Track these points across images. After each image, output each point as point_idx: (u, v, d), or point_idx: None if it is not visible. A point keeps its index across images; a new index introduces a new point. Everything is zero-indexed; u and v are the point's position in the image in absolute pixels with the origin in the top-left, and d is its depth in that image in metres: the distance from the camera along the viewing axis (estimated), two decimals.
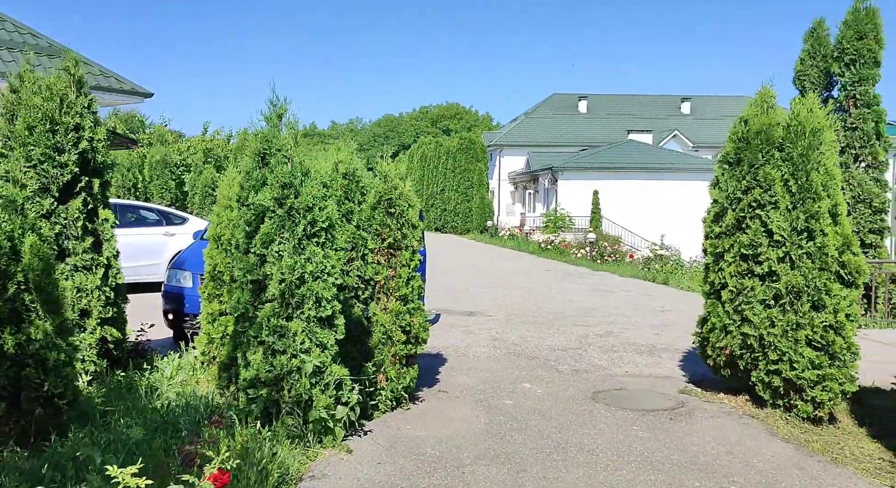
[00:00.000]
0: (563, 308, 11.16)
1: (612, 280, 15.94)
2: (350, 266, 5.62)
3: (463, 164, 37.35)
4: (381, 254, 5.63)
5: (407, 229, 5.70)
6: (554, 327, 9.38)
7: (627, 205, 32.97)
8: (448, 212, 38.57)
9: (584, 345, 8.20)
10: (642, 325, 9.68)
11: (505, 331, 8.95)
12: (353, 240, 5.62)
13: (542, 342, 8.34)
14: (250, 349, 4.28)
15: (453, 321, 9.63)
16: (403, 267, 5.67)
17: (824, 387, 5.39)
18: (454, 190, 37.70)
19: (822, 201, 5.46)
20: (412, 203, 5.77)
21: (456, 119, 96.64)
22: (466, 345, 8.05)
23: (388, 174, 5.70)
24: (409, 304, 5.69)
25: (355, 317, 5.58)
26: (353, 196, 5.71)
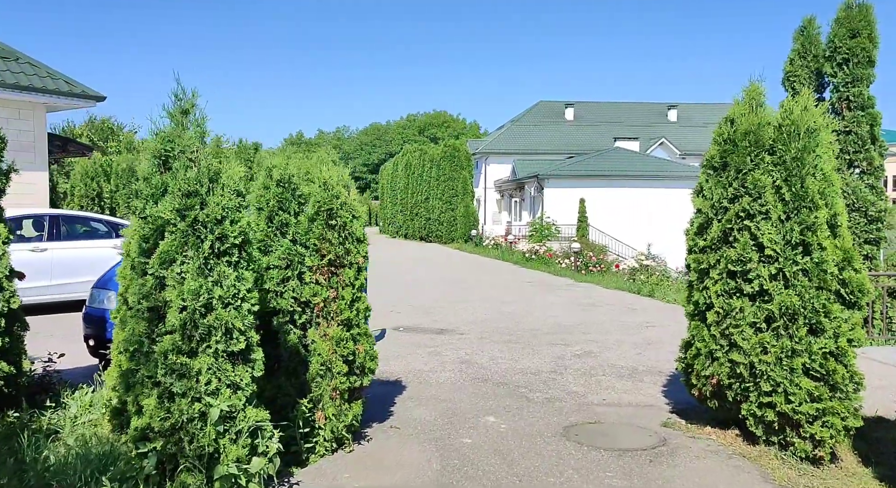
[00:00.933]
0: (541, 324, 10.47)
1: (595, 292, 15.28)
2: (285, 286, 4.91)
3: (447, 172, 36.70)
4: (320, 272, 4.93)
5: (350, 244, 5.00)
6: (530, 347, 8.69)
7: (615, 214, 32.45)
8: (432, 221, 37.88)
9: (559, 368, 7.51)
10: (625, 344, 9.01)
11: (475, 353, 8.25)
12: (288, 257, 4.91)
13: (514, 365, 7.64)
14: (143, 392, 3.55)
15: (420, 340, 8.92)
16: (347, 287, 4.97)
17: (825, 423, 4.72)
18: (438, 198, 37.02)
19: (820, 211, 4.82)
20: (356, 214, 5.07)
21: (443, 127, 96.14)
22: (431, 368, 7.33)
23: (329, 181, 5.01)
24: (354, 330, 4.98)
25: (290, 346, 4.87)
26: (289, 206, 5.01)
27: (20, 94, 10.99)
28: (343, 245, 4.97)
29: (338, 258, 4.95)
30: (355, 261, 5.02)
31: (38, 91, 11.10)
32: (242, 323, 3.75)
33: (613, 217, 32.30)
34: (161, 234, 3.70)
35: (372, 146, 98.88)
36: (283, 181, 5.00)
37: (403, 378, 6.90)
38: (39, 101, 11.44)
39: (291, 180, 5.02)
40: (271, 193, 4.95)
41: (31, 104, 11.41)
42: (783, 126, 5.01)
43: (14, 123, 11.28)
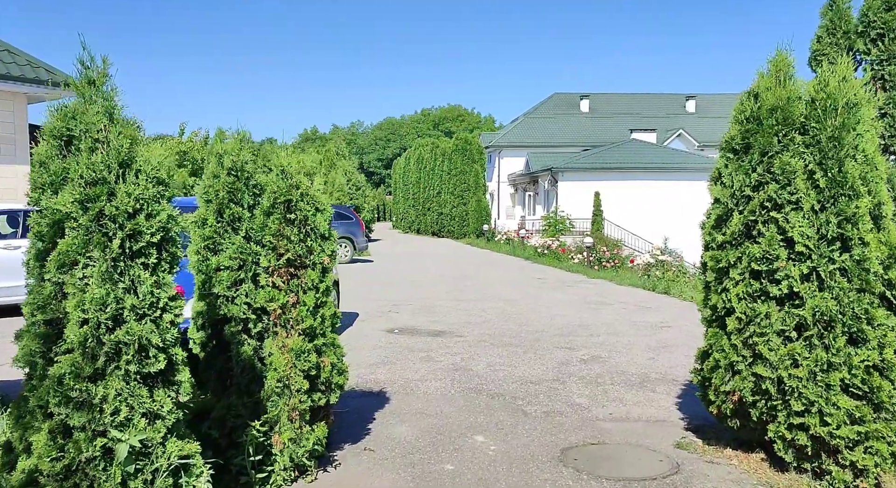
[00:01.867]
0: (547, 325, 9.77)
1: (608, 289, 14.52)
2: (237, 290, 4.28)
3: (459, 166, 35.99)
4: (277, 274, 4.28)
5: (313, 241, 4.35)
6: (532, 351, 7.99)
7: (631, 207, 31.55)
8: (444, 216, 37.21)
9: (563, 376, 6.82)
10: (637, 347, 8.28)
11: (472, 358, 7.57)
12: (240, 257, 4.28)
13: (513, 372, 6.96)
14: (33, 425, 2.93)
15: (414, 344, 8.26)
16: (309, 290, 4.32)
17: (868, 449, 4.01)
18: (450, 193, 36.34)
19: (861, 199, 4.07)
20: (321, 206, 4.42)
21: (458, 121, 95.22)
22: (420, 377, 6.67)
23: (288, 169, 4.35)
24: (318, 340, 4.34)
25: (243, 359, 4.24)
26: (242, 197, 4.37)
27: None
28: (304, 242, 4.32)
29: (298, 258, 4.30)
30: (319, 261, 4.37)
31: (17, 80, 10.58)
32: (162, 338, 3.11)
33: (629, 211, 31.40)
34: (60, 232, 3.06)
35: (386, 141, 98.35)
36: (236, 169, 4.36)
37: (389, 388, 6.24)
38: (20, 91, 10.93)
39: (245, 168, 4.38)
40: (221, 183, 4.32)
41: (10, 94, 10.90)
42: (817, 100, 4.27)
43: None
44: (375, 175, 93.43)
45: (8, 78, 10.54)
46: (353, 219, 20.46)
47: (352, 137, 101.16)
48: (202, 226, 4.27)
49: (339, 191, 25.59)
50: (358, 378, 6.52)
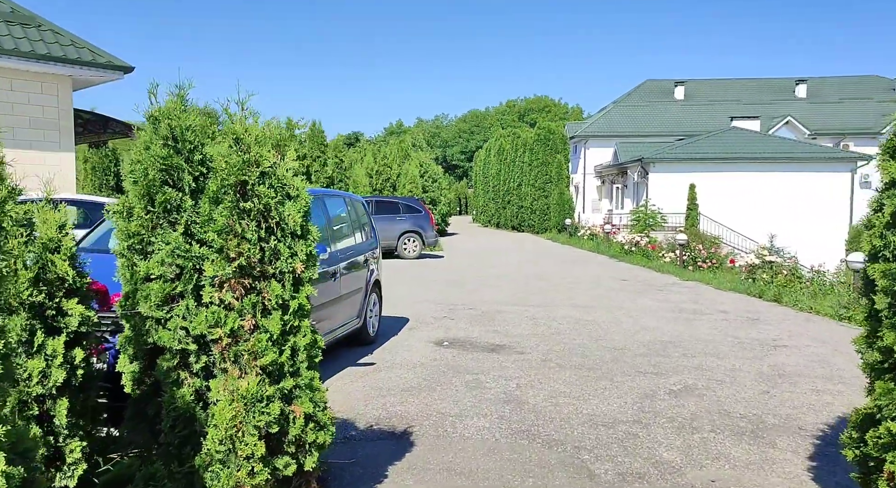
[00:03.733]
0: (629, 340, 8.12)
1: (704, 294, 12.56)
2: (171, 309, 3.04)
3: (541, 157, 34.16)
4: (227, 286, 3.01)
5: (279, 241, 3.06)
6: (608, 376, 6.42)
7: (729, 201, 28.75)
8: (524, 210, 35.50)
9: (646, 415, 5.24)
10: (744, 375, 6.54)
11: (530, 384, 6.10)
12: (177, 262, 3.03)
13: (580, 407, 5.44)
14: None
15: (463, 362, 6.87)
16: (274, 310, 3.03)
17: None
18: (531, 185, 34.58)
19: None
20: (293, 192, 3.12)
21: (544, 112, 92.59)
22: (460, 411, 5.28)
23: (245, 138, 3.07)
24: (285, 382, 3.05)
25: (176, 409, 2.99)
26: (181, 178, 3.12)
27: (41, 64, 9.91)
28: (265, 242, 3.03)
29: (256, 264, 3.01)
30: (288, 268, 3.06)
31: (60, 61, 9.97)
32: None
33: (728, 205, 28.60)
34: None
35: (470, 133, 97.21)
36: (174, 137, 3.11)
37: (417, 426, 4.89)
38: (64, 74, 10.35)
39: (186, 137, 3.12)
40: (152, 158, 3.07)
41: (54, 77, 10.34)
42: None
43: (36, 99, 10.26)
44: (458, 168, 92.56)
45: (51, 59, 9.95)
46: (421, 212, 19.28)
47: (435, 130, 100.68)
48: (127, 217, 3.06)
49: (411, 183, 24.51)
50: (382, 409, 5.21)
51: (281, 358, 3.03)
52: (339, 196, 7.41)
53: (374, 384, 5.89)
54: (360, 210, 7.68)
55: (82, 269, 3.05)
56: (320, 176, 22.86)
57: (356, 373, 6.23)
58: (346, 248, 6.77)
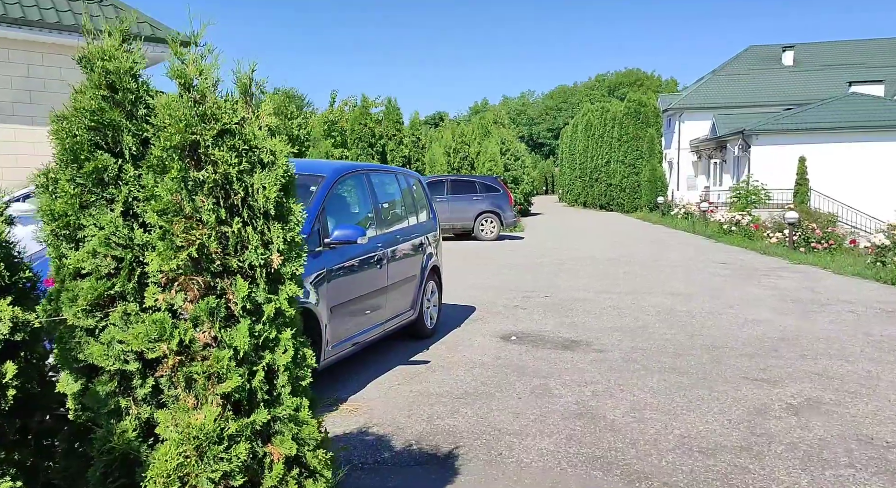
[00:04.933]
0: (732, 337, 6.90)
1: (821, 281, 10.93)
2: (105, 316, 2.30)
3: (631, 132, 32.15)
4: (178, 285, 2.24)
5: (247, 222, 2.26)
6: (706, 383, 5.31)
7: (847, 175, 25.93)
8: (613, 187, 33.65)
9: (757, 440, 4.14)
10: (885, 384, 5.25)
11: (609, 392, 5.09)
12: (114, 252, 2.29)
13: (671, 425, 4.41)
14: None
15: (531, 362, 5.93)
16: (242, 318, 2.23)
17: None
18: (620, 161, 32.67)
19: None
20: (268, 157, 2.30)
21: (635, 86, 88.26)
22: (520, 428, 4.37)
23: (201, 84, 2.26)
24: (258, 414, 2.26)
25: (113, 445, 2.25)
26: (120, 140, 2.35)
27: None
28: (228, 225, 2.23)
29: (214, 255, 2.22)
30: (259, 261, 2.25)
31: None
32: None
33: (845, 179, 25.80)
34: None
35: (557, 110, 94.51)
36: (111, 85, 2.34)
37: (465, 448, 4.03)
38: None
39: (127, 85, 2.35)
40: (81, 112, 2.32)
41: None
42: None
43: None
44: (545, 146, 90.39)
45: None
46: (500, 192, 18.27)
47: (521, 108, 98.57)
48: (52, 192, 2.34)
49: (490, 160, 23.43)
50: (427, 423, 4.39)
51: (253, 381, 2.24)
52: (389, 172, 6.60)
53: (424, 388, 5.08)
54: (416, 188, 6.84)
55: (19, 261, 2.37)
56: (396, 155, 22.23)
57: (405, 374, 5.44)
58: (396, 231, 5.96)
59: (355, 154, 20.99)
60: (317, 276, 4.49)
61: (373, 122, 22.13)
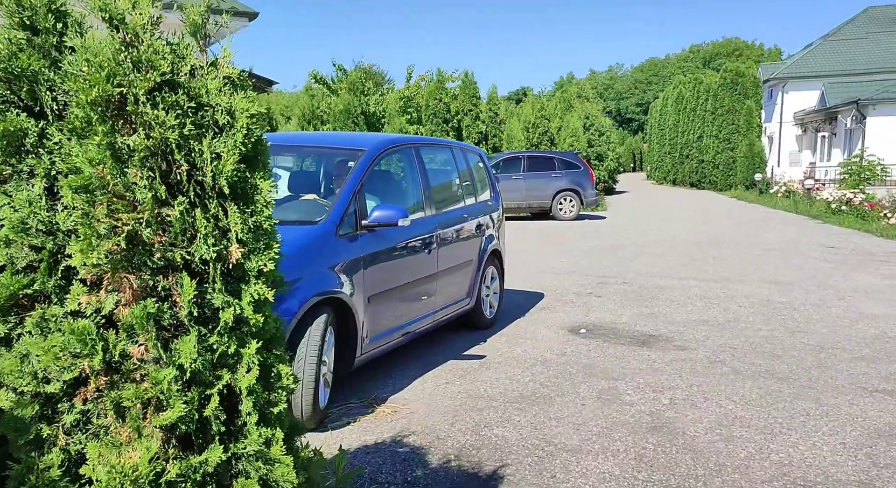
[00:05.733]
0: (843, 335, 5.91)
1: None
2: (19, 321, 1.86)
3: (727, 104, 29.92)
4: (110, 284, 1.75)
5: (195, 203, 1.74)
6: (811, 395, 4.46)
7: None
8: (705, 164, 31.58)
9: (879, 473, 3.32)
10: None
11: (690, 402, 4.35)
12: (31, 238, 1.83)
13: (765, 448, 3.64)
14: None
15: (599, 360, 5.23)
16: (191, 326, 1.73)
17: None
18: (714, 136, 30.53)
19: None
20: (225, 117, 1.76)
21: (734, 56, 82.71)
22: (580, 443, 3.73)
23: (117, 7, 1.74)
24: (212, 452, 1.76)
25: (32, 485, 1.82)
26: (39, 94, 1.87)
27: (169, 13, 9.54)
28: (169, 206, 1.72)
29: (152, 245, 1.72)
30: (211, 254, 1.73)
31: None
32: None
33: None
34: None
35: (647, 84, 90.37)
36: (29, 25, 1.87)
37: (512, 467, 3.44)
38: None
39: (45, 22, 1.86)
40: None
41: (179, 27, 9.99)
42: None
43: None
44: (633, 121, 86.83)
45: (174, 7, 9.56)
46: (580, 169, 17.28)
47: (609, 82, 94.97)
48: None
49: (572, 136, 22.29)
50: (472, 433, 3.82)
51: (206, 409, 1.74)
52: (444, 146, 6.00)
53: (474, 389, 4.52)
54: (475, 164, 6.22)
55: None
56: (472, 131, 21.53)
57: (456, 371, 4.89)
58: (450, 212, 5.38)
59: (429, 130, 20.49)
60: (351, 263, 3.99)
61: (448, 96, 21.50)
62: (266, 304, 1.83)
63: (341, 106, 19.54)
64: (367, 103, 20.25)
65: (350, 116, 19.30)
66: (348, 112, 19.33)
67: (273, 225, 1.84)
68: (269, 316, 1.85)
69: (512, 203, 16.80)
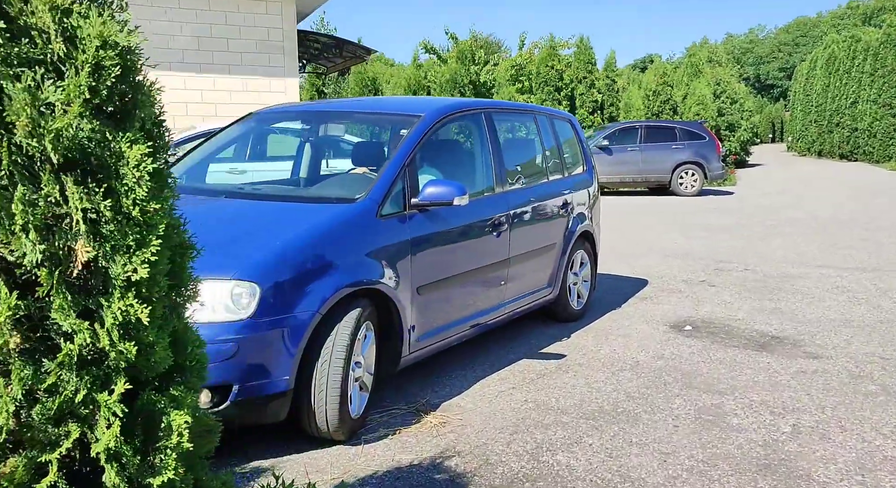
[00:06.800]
0: None
1: None
2: None
3: (889, 64, 26.17)
4: None
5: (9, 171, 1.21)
6: None
7: None
8: (859, 133, 27.98)
9: None
10: None
11: (821, 431, 3.41)
12: None
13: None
14: None
15: (705, 367, 4.34)
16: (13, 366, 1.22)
17: None
18: (871, 101, 26.89)
19: None
20: (68, 46, 1.21)
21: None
22: (667, 480, 2.95)
23: None
24: None
25: None
26: None
27: None
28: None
29: None
30: (37, 254, 1.22)
31: None
32: None
33: None
34: None
35: (793, 46, 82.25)
36: None
37: None
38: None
39: None
40: None
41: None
42: None
43: (262, 20, 9.86)
44: (774, 88, 79.57)
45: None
46: (705, 139, 15.63)
47: (748, 45, 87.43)
48: None
49: (698, 104, 20.35)
50: (529, 457, 3.16)
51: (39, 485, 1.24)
52: (525, 112, 5.24)
53: (544, 398, 3.83)
54: (564, 132, 5.41)
55: None
56: (586, 99, 20.21)
57: (527, 374, 4.22)
58: (528, 189, 4.66)
59: (540, 99, 19.45)
60: (396, 248, 3.43)
61: (561, 64, 20.30)
62: (142, 329, 1.28)
63: (448, 75, 19.03)
64: (476, 73, 19.61)
65: (457, 86, 18.70)
66: (454, 82, 18.78)
67: (157, 211, 1.28)
68: (155, 342, 1.30)
69: (626, 177, 15.57)
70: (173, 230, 1.31)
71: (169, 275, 1.32)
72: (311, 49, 12.72)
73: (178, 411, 1.31)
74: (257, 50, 9.86)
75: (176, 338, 1.36)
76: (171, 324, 1.32)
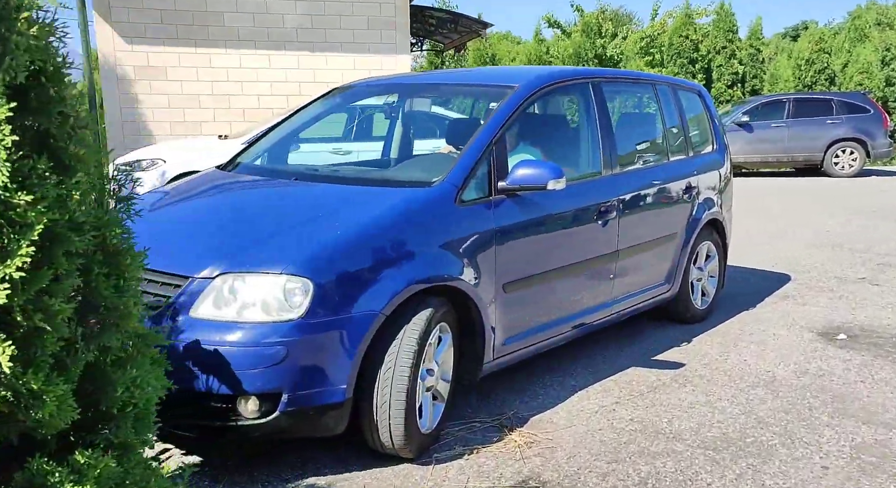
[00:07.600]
0: None
1: None
2: None
3: None
4: None
5: None
6: None
7: None
8: None
9: None
10: None
11: None
12: None
13: None
14: None
15: (865, 389, 3.53)
16: None
17: None
18: None
19: None
20: None
21: None
22: None
23: None
24: None
25: None
26: None
27: None
28: None
29: None
30: None
31: None
32: None
33: None
34: None
35: None
36: None
37: None
38: None
39: None
40: None
41: None
42: None
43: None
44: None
45: None
46: (869, 112, 13.64)
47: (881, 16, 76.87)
48: None
49: (861, 73, 17.86)
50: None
51: None
52: (641, 82, 4.52)
53: (653, 418, 3.24)
54: (691, 106, 4.66)
55: None
56: (724, 71, 18.37)
57: (635, 386, 3.63)
58: (641, 171, 4.02)
59: (672, 71, 17.95)
60: (478, 238, 2.98)
61: (698, 33, 18.62)
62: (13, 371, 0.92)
63: (571, 50, 18.09)
64: (602, 46, 18.48)
65: (580, 60, 17.78)
66: (578, 56, 17.81)
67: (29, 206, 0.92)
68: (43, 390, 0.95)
69: (769, 156, 13.98)
70: (71, 231, 0.94)
71: (83, 292, 0.96)
72: (426, 25, 12.44)
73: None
74: (368, 27, 9.69)
75: (97, 376, 1.01)
76: (82, 359, 0.97)
